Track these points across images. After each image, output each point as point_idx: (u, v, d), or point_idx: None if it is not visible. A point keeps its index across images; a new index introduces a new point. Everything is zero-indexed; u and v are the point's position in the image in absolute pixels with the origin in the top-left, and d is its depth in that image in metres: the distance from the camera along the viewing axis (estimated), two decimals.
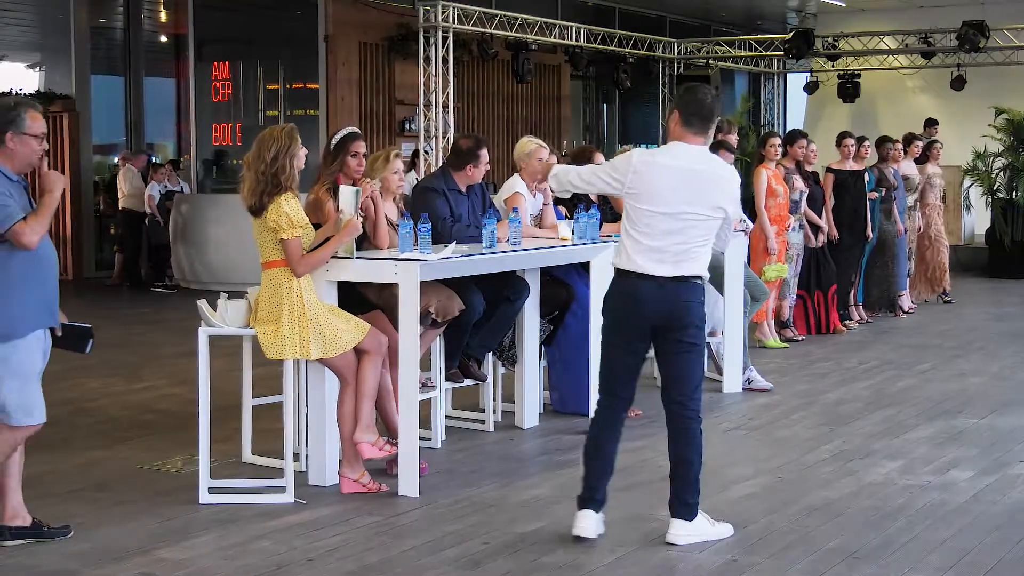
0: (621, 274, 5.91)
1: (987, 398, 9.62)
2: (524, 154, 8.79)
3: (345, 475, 6.85)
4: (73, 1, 19.39)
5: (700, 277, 5.87)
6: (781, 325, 12.52)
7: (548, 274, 8.52)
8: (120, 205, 18.32)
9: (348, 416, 6.80)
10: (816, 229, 12.78)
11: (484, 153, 8.27)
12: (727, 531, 6.04)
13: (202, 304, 6.77)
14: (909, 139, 15.47)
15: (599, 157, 9.23)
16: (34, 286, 5.70)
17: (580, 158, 9.28)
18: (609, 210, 9.30)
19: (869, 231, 13.58)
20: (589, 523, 5.95)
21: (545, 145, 8.86)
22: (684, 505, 5.91)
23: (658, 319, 5.84)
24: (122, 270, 18.42)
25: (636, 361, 6.03)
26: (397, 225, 7.23)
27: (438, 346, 7.82)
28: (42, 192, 5.72)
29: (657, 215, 5.79)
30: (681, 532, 5.90)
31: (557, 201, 8.90)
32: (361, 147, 7.31)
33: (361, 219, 6.96)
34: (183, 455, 7.59)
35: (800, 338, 12.53)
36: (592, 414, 6.14)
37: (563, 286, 8.71)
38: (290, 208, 6.56)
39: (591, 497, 5.98)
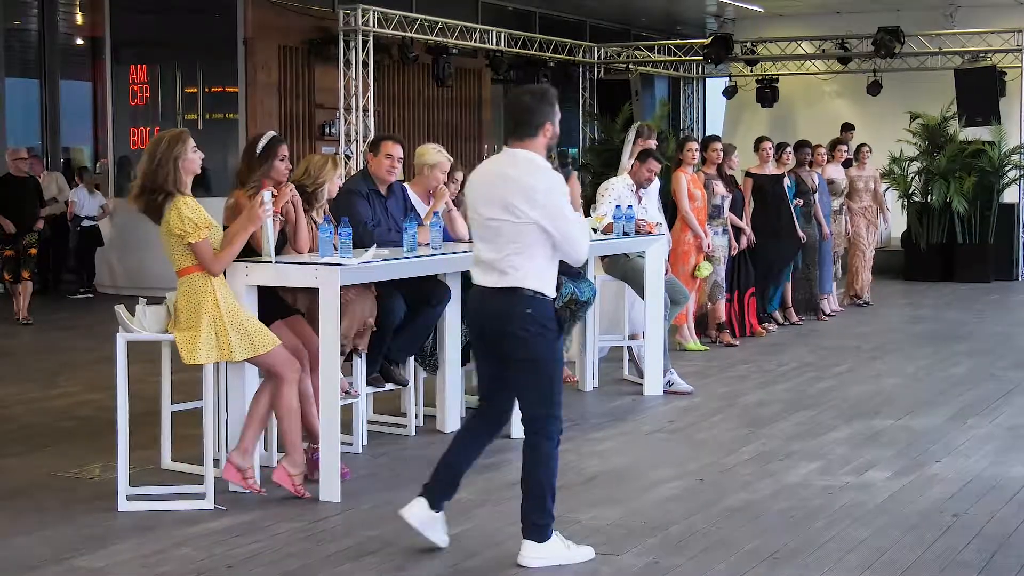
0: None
1: (903, 399, 9.75)
2: (425, 163, 8.67)
3: (283, 465, 6.79)
4: None
5: (520, 289, 5.60)
6: (719, 328, 12.59)
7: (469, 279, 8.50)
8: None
9: (292, 412, 6.75)
10: (738, 232, 12.88)
11: (386, 144, 8.24)
12: (586, 554, 5.78)
13: (120, 309, 6.70)
14: (835, 144, 15.64)
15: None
16: None
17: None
18: None
19: (800, 233, 13.68)
20: (418, 511, 5.88)
21: (451, 159, 8.77)
22: (533, 526, 5.69)
23: (481, 330, 5.81)
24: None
25: (489, 369, 5.90)
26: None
27: None
28: None
29: (474, 222, 5.82)
30: (530, 554, 5.68)
31: None
32: (286, 150, 7.29)
33: (282, 222, 6.92)
34: (101, 462, 7.51)
35: (737, 343, 12.59)
36: None
37: None
38: (190, 211, 6.48)
39: (430, 488, 5.90)
